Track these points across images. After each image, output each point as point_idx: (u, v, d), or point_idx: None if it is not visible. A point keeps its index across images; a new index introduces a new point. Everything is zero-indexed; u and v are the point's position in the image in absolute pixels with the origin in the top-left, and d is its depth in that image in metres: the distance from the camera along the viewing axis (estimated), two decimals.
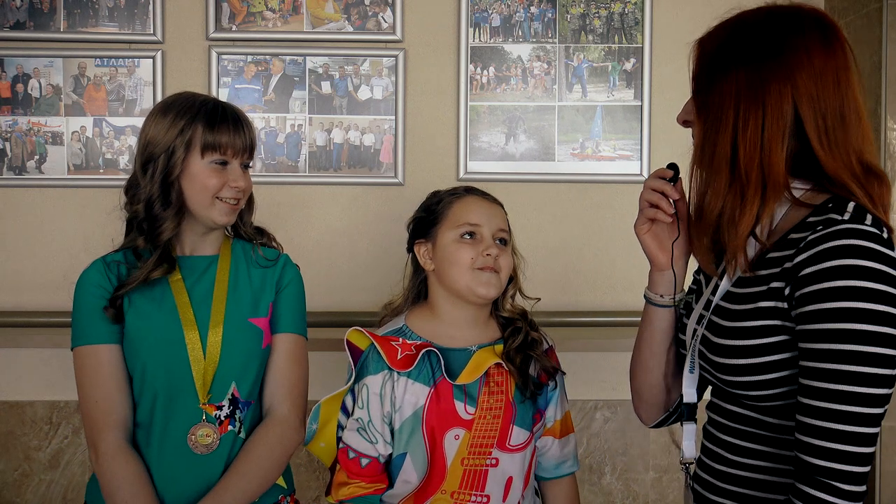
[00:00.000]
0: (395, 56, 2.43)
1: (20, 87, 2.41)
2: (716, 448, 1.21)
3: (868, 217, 1.05)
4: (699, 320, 1.21)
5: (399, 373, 1.42)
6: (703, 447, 1.25)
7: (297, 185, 2.45)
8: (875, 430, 1.01)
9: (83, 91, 2.42)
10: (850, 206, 1.06)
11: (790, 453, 1.08)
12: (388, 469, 1.45)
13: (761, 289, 1.10)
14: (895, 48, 2.18)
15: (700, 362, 1.21)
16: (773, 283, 1.09)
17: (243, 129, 1.49)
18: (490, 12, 2.45)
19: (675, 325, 1.30)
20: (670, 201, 1.25)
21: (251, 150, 1.52)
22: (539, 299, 1.53)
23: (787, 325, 1.07)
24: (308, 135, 2.44)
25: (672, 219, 1.26)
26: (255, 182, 1.59)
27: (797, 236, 1.08)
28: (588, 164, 2.47)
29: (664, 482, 2.50)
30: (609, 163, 2.47)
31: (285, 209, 2.43)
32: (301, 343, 1.56)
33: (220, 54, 2.42)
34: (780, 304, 1.08)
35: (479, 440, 1.42)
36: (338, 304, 2.39)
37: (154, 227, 1.46)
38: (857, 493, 1.01)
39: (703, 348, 1.19)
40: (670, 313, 1.29)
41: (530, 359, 1.48)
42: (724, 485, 1.19)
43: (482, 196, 1.52)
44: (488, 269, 1.43)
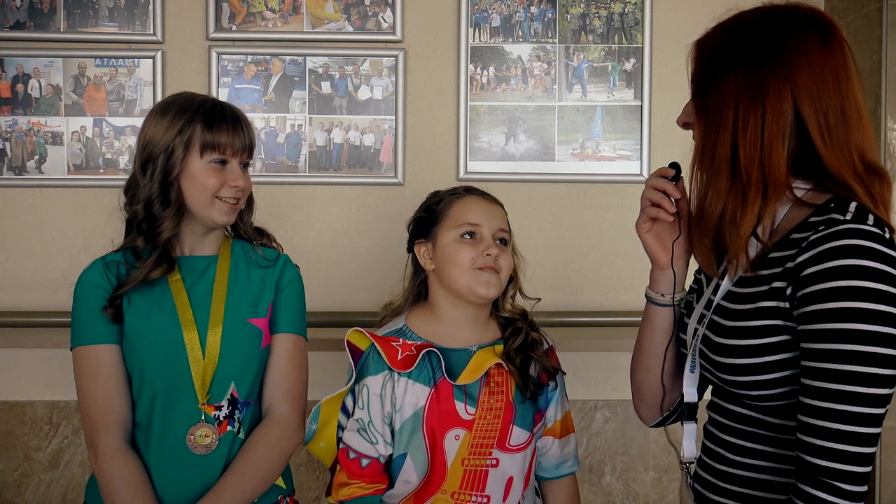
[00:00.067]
0: (395, 56, 2.43)
1: (20, 87, 2.41)
2: (717, 448, 1.21)
3: (870, 217, 1.05)
4: (700, 320, 1.21)
5: (399, 373, 1.41)
6: (704, 447, 1.25)
7: (297, 185, 2.45)
8: (877, 431, 1.01)
9: (83, 91, 2.42)
10: (853, 207, 1.06)
11: (791, 453, 1.08)
12: (388, 469, 1.45)
13: (763, 288, 1.10)
14: (895, 48, 2.18)
15: (701, 362, 1.21)
16: (775, 283, 1.09)
17: (242, 128, 1.49)
18: (490, 12, 2.45)
19: (676, 325, 1.30)
20: (672, 200, 1.25)
21: (250, 150, 1.52)
22: (539, 299, 1.53)
23: (789, 324, 1.07)
24: (308, 135, 2.44)
25: (674, 218, 1.26)
26: (255, 182, 1.59)
27: (799, 236, 1.08)
28: (588, 164, 2.47)
29: (664, 482, 2.49)
30: (609, 163, 2.47)
31: (285, 209, 2.42)
32: (300, 343, 1.56)
33: (220, 54, 2.42)
34: (781, 304, 1.07)
35: (479, 440, 1.41)
36: (338, 304, 2.39)
37: (153, 226, 1.46)
38: (859, 494, 1.01)
39: (704, 348, 1.19)
40: (671, 312, 1.29)
41: (531, 359, 1.48)
42: (725, 484, 1.19)
43: (482, 196, 1.52)
44: (488, 268, 1.43)
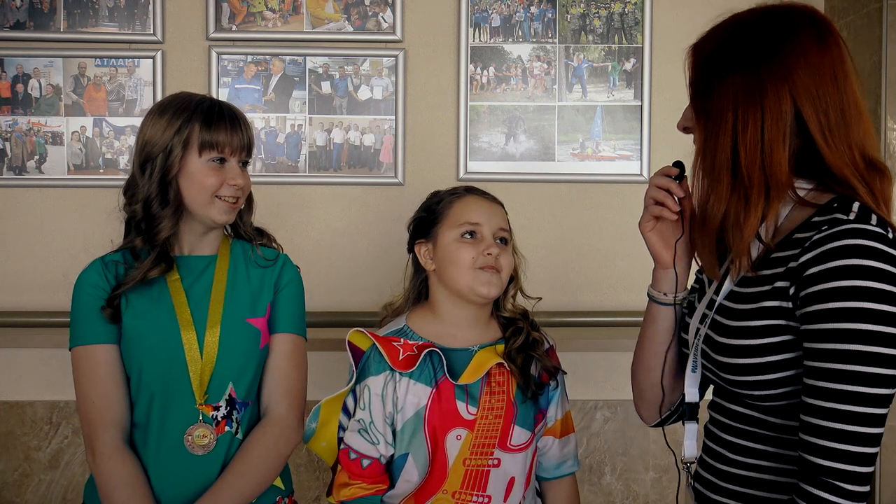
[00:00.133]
0: (395, 56, 2.43)
1: (20, 87, 2.41)
2: (718, 447, 1.21)
3: (873, 217, 1.05)
4: (702, 319, 1.21)
5: (401, 373, 1.41)
6: (706, 446, 1.25)
7: (297, 185, 2.45)
8: (879, 431, 1.01)
9: (83, 91, 2.42)
10: (856, 206, 1.06)
11: (793, 453, 1.08)
12: (389, 469, 1.45)
13: (765, 288, 1.10)
14: (895, 48, 2.18)
15: (703, 361, 1.21)
16: (778, 283, 1.08)
17: (240, 127, 1.49)
18: (490, 12, 2.45)
19: (678, 324, 1.30)
20: (675, 199, 1.25)
21: (249, 148, 1.52)
22: (540, 299, 1.53)
23: (792, 324, 1.07)
24: (308, 135, 2.44)
25: (677, 217, 1.25)
26: (255, 182, 1.59)
27: (802, 236, 1.08)
28: (588, 164, 2.47)
29: (664, 482, 2.49)
30: (609, 163, 2.47)
31: (285, 209, 2.42)
32: (300, 343, 1.55)
33: (220, 54, 2.42)
34: (784, 304, 1.07)
35: (480, 440, 1.41)
36: (338, 304, 2.39)
37: (152, 226, 1.45)
38: (861, 494, 1.01)
39: (707, 347, 1.18)
40: (673, 311, 1.29)
41: (532, 359, 1.47)
42: (727, 484, 1.18)
43: (482, 195, 1.52)
44: (489, 268, 1.43)
